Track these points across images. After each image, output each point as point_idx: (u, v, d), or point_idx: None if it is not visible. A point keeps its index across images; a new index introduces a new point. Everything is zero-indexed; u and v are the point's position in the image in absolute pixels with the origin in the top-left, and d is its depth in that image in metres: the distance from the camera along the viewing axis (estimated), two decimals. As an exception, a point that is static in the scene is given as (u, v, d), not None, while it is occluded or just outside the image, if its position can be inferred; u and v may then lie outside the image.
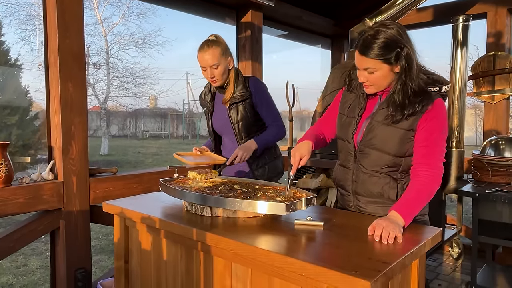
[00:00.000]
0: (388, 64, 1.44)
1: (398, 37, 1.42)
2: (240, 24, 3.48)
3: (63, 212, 2.28)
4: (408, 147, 1.53)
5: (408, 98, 1.46)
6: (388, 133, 1.52)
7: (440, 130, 1.49)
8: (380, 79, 1.48)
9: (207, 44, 2.03)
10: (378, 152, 1.55)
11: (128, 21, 22.38)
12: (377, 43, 1.42)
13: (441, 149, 1.50)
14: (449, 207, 5.88)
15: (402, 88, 1.46)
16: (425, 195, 1.46)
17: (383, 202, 1.60)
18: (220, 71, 2.04)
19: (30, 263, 4.00)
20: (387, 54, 1.42)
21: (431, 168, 1.47)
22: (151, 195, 1.99)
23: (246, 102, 2.11)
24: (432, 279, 3.18)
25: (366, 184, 1.61)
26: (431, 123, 1.48)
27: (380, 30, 1.43)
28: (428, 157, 1.47)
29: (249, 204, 1.44)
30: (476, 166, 2.95)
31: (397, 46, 1.42)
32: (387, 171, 1.56)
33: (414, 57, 1.46)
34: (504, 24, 3.44)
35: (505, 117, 3.54)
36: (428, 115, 1.48)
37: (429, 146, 1.47)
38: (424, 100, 1.47)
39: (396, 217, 1.39)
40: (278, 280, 1.24)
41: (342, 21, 4.33)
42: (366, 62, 1.45)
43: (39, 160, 8.91)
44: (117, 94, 18.84)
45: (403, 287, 1.34)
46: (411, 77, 1.45)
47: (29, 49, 20.81)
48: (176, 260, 1.57)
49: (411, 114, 1.48)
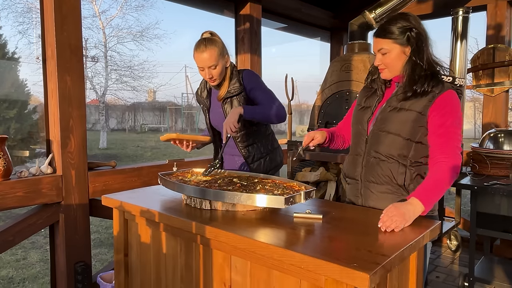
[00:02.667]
0: (399, 45, 1.54)
1: (412, 21, 1.54)
2: (238, 17, 3.46)
3: (62, 206, 2.28)
4: (419, 133, 1.54)
5: (419, 75, 1.53)
6: (400, 116, 1.55)
7: (454, 119, 1.50)
8: (393, 60, 1.56)
9: (203, 44, 1.97)
10: (390, 135, 1.57)
11: (126, 14, 22.28)
12: (390, 26, 1.55)
13: (458, 137, 1.51)
14: (448, 200, 5.90)
15: (412, 67, 1.54)
16: (444, 183, 1.46)
17: (391, 188, 1.59)
18: (218, 71, 2.01)
19: (30, 257, 4.01)
20: (398, 35, 1.53)
21: (449, 156, 1.48)
22: (150, 189, 1.99)
23: (241, 95, 2.08)
24: (431, 271, 3.20)
25: (376, 169, 1.61)
26: (445, 111, 1.50)
27: (395, 16, 1.58)
28: (445, 145, 1.49)
29: (248, 197, 1.44)
30: (475, 159, 2.96)
31: (408, 29, 1.53)
32: (397, 154, 1.57)
33: (426, 43, 1.54)
34: (504, 16, 3.43)
35: (504, 110, 3.54)
36: (440, 103, 1.50)
37: (445, 134, 1.49)
38: (435, 82, 1.53)
39: (416, 204, 1.40)
40: (277, 273, 1.24)
41: (341, 13, 4.31)
42: (380, 43, 1.57)
43: (37, 154, 8.90)
44: (116, 88, 18.79)
45: (402, 279, 1.35)
46: (421, 58, 1.53)
47: (27, 42, 20.71)
48: (175, 253, 1.58)
49: (422, 94, 1.52)
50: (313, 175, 3.28)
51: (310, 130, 3.46)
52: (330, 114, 3.27)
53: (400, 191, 1.57)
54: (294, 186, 1.65)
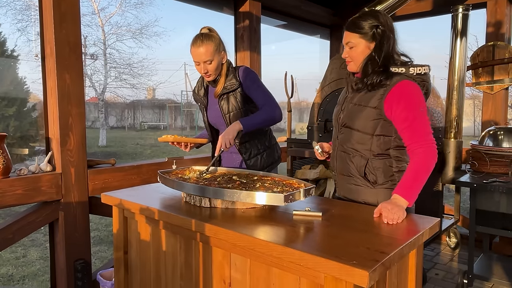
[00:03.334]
0: (365, 40, 1.63)
1: (380, 19, 1.62)
2: (238, 14, 3.45)
3: (62, 204, 2.28)
4: (378, 126, 1.62)
5: (372, 70, 1.61)
6: (360, 113, 1.65)
7: (416, 106, 1.56)
8: (358, 54, 1.65)
9: (200, 39, 1.99)
10: (353, 131, 1.67)
11: (125, 11, 22.24)
12: (360, 21, 1.63)
13: (425, 123, 1.57)
14: (447, 197, 5.90)
15: (367, 62, 1.63)
16: (423, 172, 1.52)
17: (356, 179, 1.69)
18: (213, 67, 2.02)
19: (29, 254, 4.01)
20: (366, 31, 1.62)
21: (422, 144, 1.53)
22: (149, 187, 1.99)
23: (237, 92, 2.09)
24: (430, 268, 3.21)
25: (344, 162, 1.72)
26: (404, 103, 1.55)
27: (366, 12, 1.66)
28: (415, 135, 1.55)
29: (248, 195, 1.44)
30: (474, 156, 2.96)
31: (375, 26, 1.61)
32: (360, 148, 1.66)
33: (389, 40, 1.62)
34: (504, 13, 3.42)
35: (503, 108, 3.54)
36: (394, 95, 1.57)
37: (412, 125, 1.55)
38: (385, 76, 1.60)
39: (399, 199, 1.48)
40: (276, 270, 1.25)
41: (341, 10, 4.30)
42: (348, 36, 1.66)
43: (37, 152, 8.90)
44: (115, 85, 18.73)
45: (401, 276, 1.35)
46: (379, 54, 1.61)
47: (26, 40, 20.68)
48: (175, 251, 1.58)
49: (372, 86, 1.61)
50: (313, 172, 3.28)
51: (310, 128, 3.46)
52: (330, 111, 3.27)
53: (364, 183, 1.67)
54: (294, 183, 1.65)
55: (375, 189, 1.65)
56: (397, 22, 4.27)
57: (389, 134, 1.62)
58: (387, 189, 1.64)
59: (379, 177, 1.64)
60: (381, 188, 1.65)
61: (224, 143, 1.90)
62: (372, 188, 1.66)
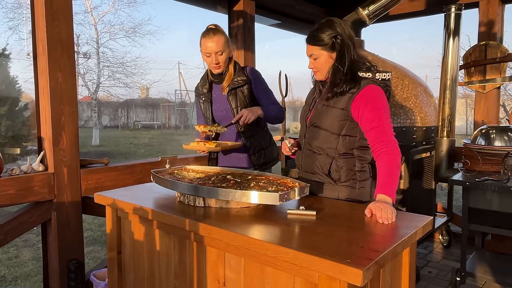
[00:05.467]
0: (326, 51, 1.71)
1: (337, 29, 1.70)
2: (232, 13, 3.44)
3: (55, 204, 2.26)
4: (344, 127, 1.70)
5: (340, 79, 1.69)
6: (328, 113, 1.73)
7: (381, 110, 1.64)
8: (322, 64, 1.73)
9: (212, 31, 2.08)
10: (321, 130, 1.75)
11: (118, 10, 21.98)
12: (319, 34, 1.71)
13: (389, 125, 1.66)
14: (440, 196, 5.95)
15: (333, 72, 1.72)
16: (396, 169, 1.60)
17: (320, 177, 1.76)
18: (224, 58, 2.11)
19: (22, 255, 3.98)
20: (325, 42, 1.69)
21: (386, 143, 1.61)
22: (143, 186, 1.98)
23: (245, 87, 2.18)
24: (423, 266, 3.23)
25: (309, 160, 1.80)
26: (371, 106, 1.64)
27: (323, 24, 1.72)
28: (380, 135, 1.63)
29: (242, 195, 1.44)
30: (467, 155, 2.99)
31: (334, 37, 1.69)
32: (326, 147, 1.74)
33: (349, 48, 1.70)
34: (496, 13, 3.45)
35: (495, 107, 3.57)
36: (361, 98, 1.65)
37: (377, 126, 1.63)
38: (352, 83, 1.68)
39: (384, 198, 1.53)
40: (271, 270, 1.25)
41: (334, 10, 4.30)
42: (310, 49, 1.74)
43: (29, 151, 8.82)
44: (108, 84, 18.64)
45: (395, 274, 1.36)
46: (342, 63, 1.69)
47: (17, 39, 20.45)
48: (169, 251, 1.57)
49: (341, 93, 1.69)
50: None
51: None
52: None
53: (327, 180, 1.74)
54: (288, 182, 1.65)
55: (337, 186, 1.74)
56: (391, 21, 4.29)
57: (354, 135, 1.71)
58: (348, 187, 1.73)
59: (342, 175, 1.72)
60: (342, 186, 1.73)
61: (246, 116, 2.03)
62: (334, 185, 1.74)
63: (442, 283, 2.93)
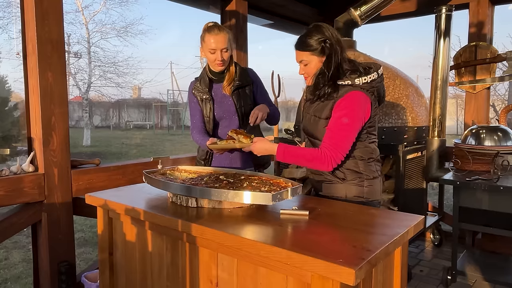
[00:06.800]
0: (316, 56, 1.72)
1: (325, 33, 1.71)
2: (224, 13, 3.43)
3: (45, 205, 2.23)
4: None
5: (323, 83, 1.71)
6: (313, 122, 1.76)
7: (346, 112, 1.63)
8: (313, 69, 1.75)
9: (217, 27, 2.04)
10: (312, 139, 1.79)
11: (110, 9, 21.95)
12: (307, 39, 1.72)
13: (348, 138, 1.65)
14: (431, 195, 6.00)
15: (318, 76, 1.73)
16: (304, 161, 1.67)
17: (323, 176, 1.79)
18: (228, 55, 2.09)
19: (12, 257, 3.92)
20: (315, 47, 1.71)
21: (330, 151, 1.62)
22: (135, 187, 1.96)
23: (247, 88, 2.19)
24: (414, 265, 3.26)
25: None
26: (340, 112, 1.65)
27: (311, 29, 1.73)
28: (333, 141, 1.64)
29: (235, 195, 1.43)
30: (457, 154, 3.02)
31: (323, 41, 1.70)
32: None
33: (337, 52, 1.70)
34: (486, 14, 3.49)
35: (485, 107, 3.61)
36: (339, 105, 1.66)
37: (337, 131, 1.64)
38: (333, 88, 1.69)
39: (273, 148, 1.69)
40: (264, 270, 1.25)
41: (326, 10, 4.32)
42: (300, 55, 1.75)
43: (19, 152, 8.69)
44: (99, 84, 18.44)
45: (387, 273, 1.36)
46: (328, 67, 1.70)
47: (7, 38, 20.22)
48: (161, 252, 1.56)
49: (322, 97, 1.72)
50: (300, 171, 3.29)
51: (296, 127, 3.48)
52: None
53: (335, 179, 1.76)
54: (281, 182, 1.66)
55: (344, 184, 1.74)
56: (382, 22, 4.31)
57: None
58: (356, 185, 1.73)
59: (347, 175, 1.73)
60: (350, 184, 1.74)
61: (261, 117, 2.04)
62: (342, 183, 1.75)
63: (433, 282, 2.95)
